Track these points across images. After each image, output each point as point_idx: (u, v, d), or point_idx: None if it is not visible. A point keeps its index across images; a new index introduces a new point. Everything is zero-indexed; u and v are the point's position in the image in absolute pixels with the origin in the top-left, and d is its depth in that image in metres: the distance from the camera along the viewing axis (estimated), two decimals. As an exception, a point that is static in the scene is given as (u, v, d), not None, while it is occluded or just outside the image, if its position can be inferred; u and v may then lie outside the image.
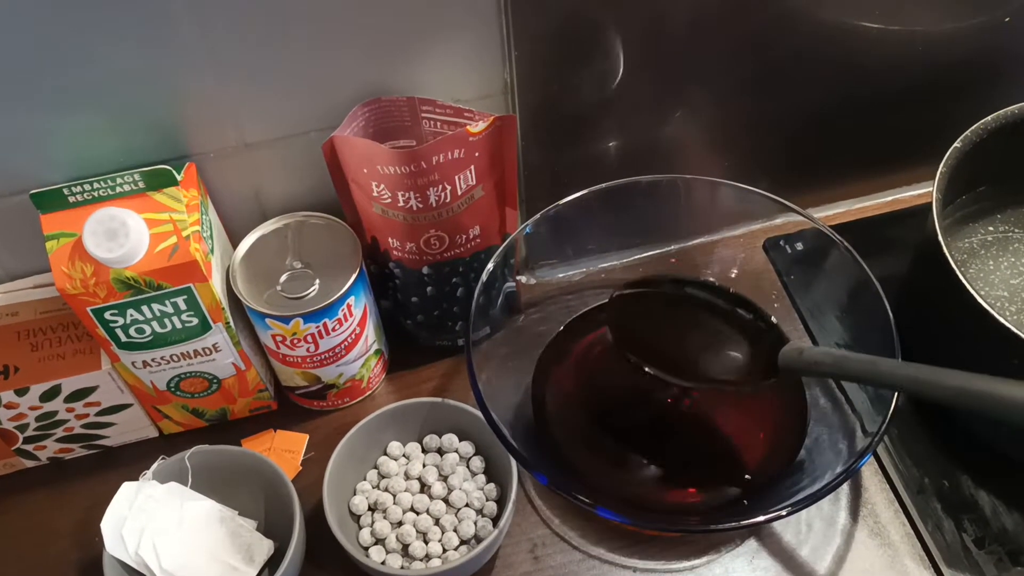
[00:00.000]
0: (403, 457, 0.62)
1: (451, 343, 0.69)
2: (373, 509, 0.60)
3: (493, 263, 0.61)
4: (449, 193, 0.57)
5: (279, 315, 0.57)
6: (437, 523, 0.59)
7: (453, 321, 0.67)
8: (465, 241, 0.61)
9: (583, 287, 0.70)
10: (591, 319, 0.68)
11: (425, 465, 0.61)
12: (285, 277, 0.58)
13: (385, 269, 0.63)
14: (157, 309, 0.55)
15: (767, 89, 0.68)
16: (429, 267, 0.62)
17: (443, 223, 0.59)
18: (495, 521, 0.59)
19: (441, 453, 0.62)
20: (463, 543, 0.58)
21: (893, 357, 0.55)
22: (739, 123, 0.70)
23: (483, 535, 0.58)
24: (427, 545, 0.58)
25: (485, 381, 0.57)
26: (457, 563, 0.55)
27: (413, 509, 0.60)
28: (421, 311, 0.66)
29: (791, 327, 0.65)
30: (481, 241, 0.62)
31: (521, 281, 0.68)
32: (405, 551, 0.58)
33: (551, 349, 0.67)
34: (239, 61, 0.54)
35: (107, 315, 0.54)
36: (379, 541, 0.59)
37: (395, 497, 0.60)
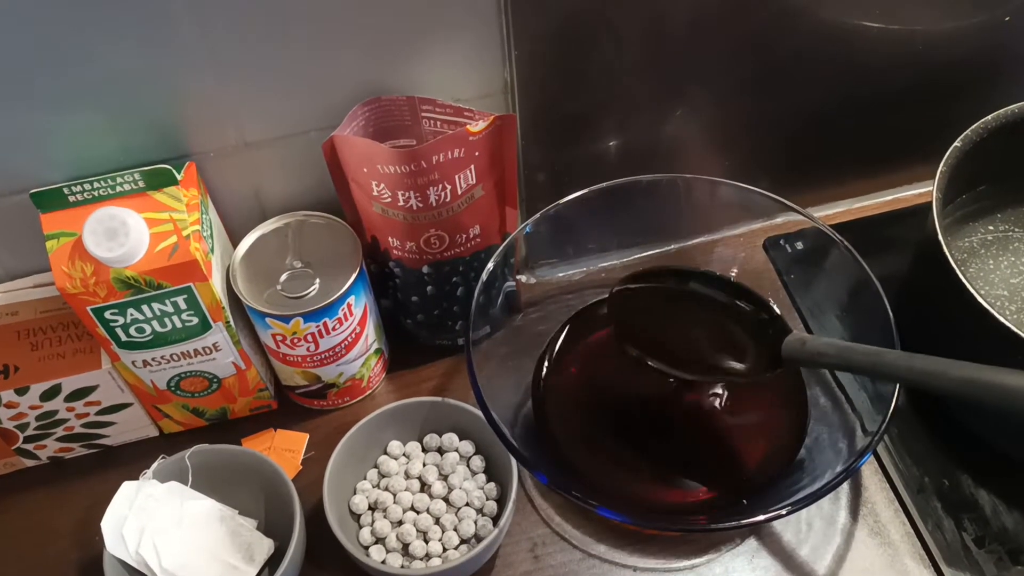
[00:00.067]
0: (403, 456, 0.62)
1: (451, 342, 0.69)
2: (373, 508, 0.60)
3: (493, 262, 0.61)
4: (449, 192, 0.57)
5: (279, 314, 0.57)
6: (437, 522, 0.59)
7: (453, 320, 0.67)
8: (465, 240, 0.61)
9: (583, 286, 0.70)
10: (591, 318, 0.68)
11: (425, 464, 0.61)
12: (285, 276, 0.59)
13: (385, 268, 0.63)
14: (157, 308, 0.55)
15: (767, 89, 0.68)
16: (429, 266, 0.62)
17: (443, 222, 0.59)
18: (495, 520, 0.59)
19: (441, 452, 0.62)
20: (463, 542, 0.58)
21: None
22: (739, 123, 0.70)
23: (483, 534, 0.58)
24: (427, 544, 0.58)
25: (485, 380, 0.57)
26: (457, 562, 0.55)
27: (413, 508, 0.60)
28: (421, 310, 0.66)
29: (791, 326, 0.65)
30: (481, 240, 0.62)
31: (521, 280, 0.68)
32: (405, 550, 0.58)
33: (551, 348, 0.67)
34: (239, 61, 0.54)
35: (107, 314, 0.54)
36: (379, 540, 0.59)
37: (395, 496, 0.60)
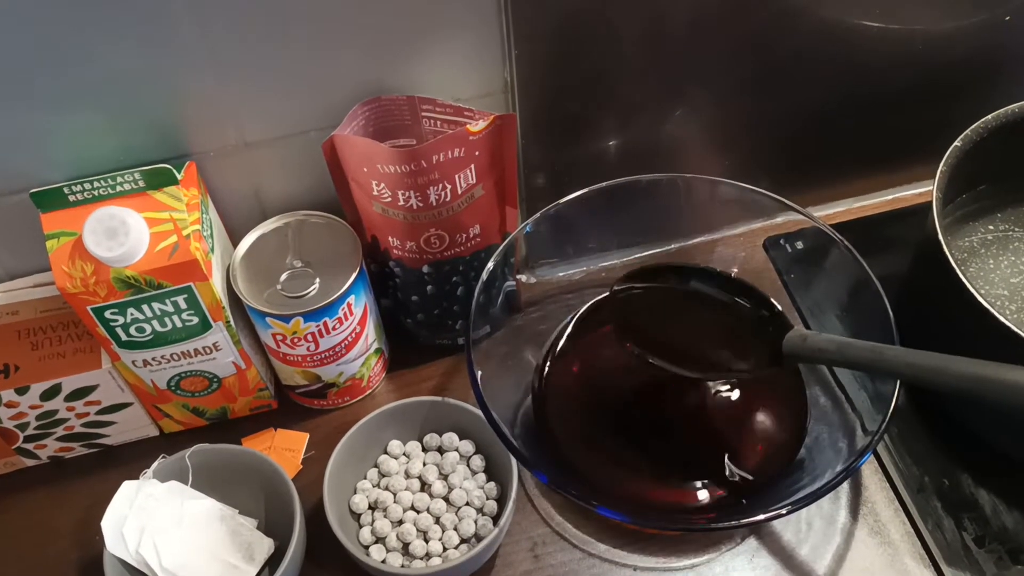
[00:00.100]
0: (403, 456, 0.62)
1: (451, 342, 0.69)
2: (373, 508, 0.60)
3: (493, 262, 0.61)
4: (449, 192, 0.57)
5: (279, 314, 0.57)
6: (437, 522, 0.59)
7: (453, 320, 0.67)
8: (465, 240, 0.61)
9: (583, 286, 0.70)
10: (591, 318, 0.68)
11: (425, 464, 0.61)
12: (285, 276, 0.59)
13: (385, 268, 0.63)
14: (157, 308, 0.55)
15: (767, 89, 0.68)
16: (429, 266, 0.62)
17: (443, 222, 0.59)
18: (495, 520, 0.59)
19: (441, 452, 0.62)
20: (463, 542, 0.58)
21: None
22: (739, 122, 0.70)
23: (483, 534, 0.58)
24: (427, 544, 0.58)
25: (485, 380, 0.57)
26: (457, 562, 0.55)
27: (413, 508, 0.60)
28: (421, 310, 0.66)
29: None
30: (481, 240, 0.62)
31: (521, 280, 0.68)
32: (405, 550, 0.58)
33: (551, 348, 0.67)
34: (239, 61, 0.54)
35: (107, 314, 0.54)
36: (379, 540, 0.59)
37: (395, 496, 0.60)
